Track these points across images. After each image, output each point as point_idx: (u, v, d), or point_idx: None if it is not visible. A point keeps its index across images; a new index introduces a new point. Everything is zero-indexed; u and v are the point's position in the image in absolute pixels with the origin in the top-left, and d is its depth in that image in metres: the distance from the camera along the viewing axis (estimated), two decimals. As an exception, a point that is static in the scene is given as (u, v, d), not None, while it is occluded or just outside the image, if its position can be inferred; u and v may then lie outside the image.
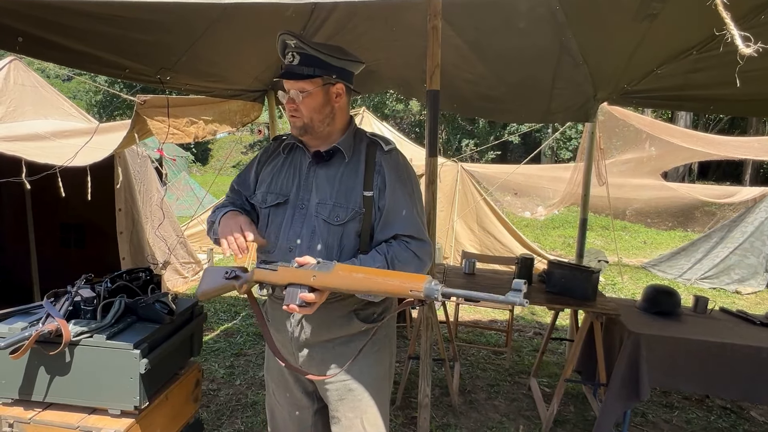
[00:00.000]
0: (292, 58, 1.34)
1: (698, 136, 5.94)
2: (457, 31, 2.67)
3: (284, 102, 1.40)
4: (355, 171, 1.42)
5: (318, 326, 1.43)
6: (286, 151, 1.51)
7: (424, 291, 1.03)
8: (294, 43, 1.32)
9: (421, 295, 1.03)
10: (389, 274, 1.12)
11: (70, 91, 20.06)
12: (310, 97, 1.36)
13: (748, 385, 2.45)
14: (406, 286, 1.06)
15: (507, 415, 3.01)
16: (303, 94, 1.35)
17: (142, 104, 2.66)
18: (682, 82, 2.77)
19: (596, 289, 2.78)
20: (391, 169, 1.42)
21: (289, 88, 1.37)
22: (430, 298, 1.03)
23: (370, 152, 1.44)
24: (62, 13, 1.62)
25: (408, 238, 1.37)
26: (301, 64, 1.33)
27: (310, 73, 1.34)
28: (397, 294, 1.08)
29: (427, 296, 1.03)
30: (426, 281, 1.04)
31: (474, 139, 19.67)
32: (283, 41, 1.35)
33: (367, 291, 1.12)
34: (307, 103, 1.37)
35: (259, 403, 3.00)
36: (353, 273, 1.14)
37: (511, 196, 8.17)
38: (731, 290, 6.23)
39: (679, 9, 2.05)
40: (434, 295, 1.02)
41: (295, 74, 1.34)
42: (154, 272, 2.00)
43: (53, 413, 1.55)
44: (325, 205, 1.38)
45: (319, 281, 1.17)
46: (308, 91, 1.35)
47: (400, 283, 1.07)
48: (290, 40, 1.33)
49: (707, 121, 17.12)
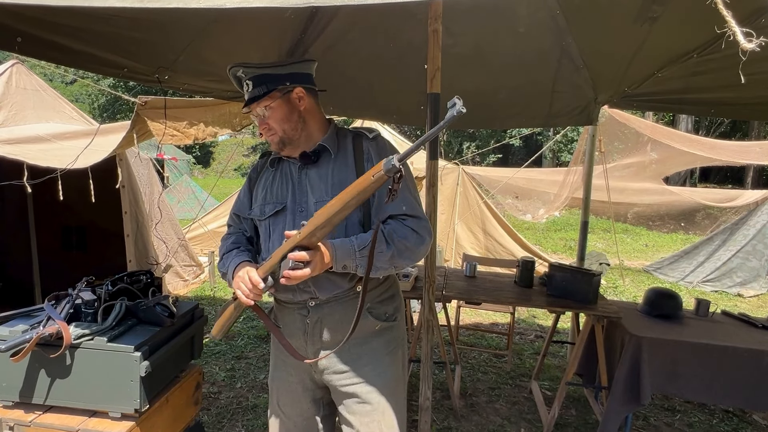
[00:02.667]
0: (248, 86, 1.42)
1: (700, 141, 5.94)
2: (457, 38, 2.68)
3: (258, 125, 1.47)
4: (344, 163, 1.44)
5: (333, 327, 1.43)
6: (274, 165, 1.54)
7: (384, 167, 1.05)
8: (241, 72, 1.41)
9: (381, 172, 1.05)
10: (355, 183, 1.14)
11: (72, 95, 20.13)
12: (273, 110, 1.42)
13: (750, 390, 2.44)
14: (368, 175, 1.09)
15: (508, 419, 3.00)
16: (267, 111, 1.42)
17: (143, 105, 2.67)
18: (683, 85, 2.77)
19: (597, 292, 2.78)
20: (379, 154, 1.44)
21: (255, 111, 1.44)
22: (392, 170, 1.04)
23: (356, 143, 1.47)
24: (61, 12, 1.63)
25: (403, 216, 1.38)
26: (254, 86, 1.40)
27: (265, 91, 1.40)
28: (365, 187, 1.10)
29: (388, 170, 1.04)
30: (383, 162, 1.06)
31: (475, 142, 19.69)
32: (234, 75, 1.43)
33: (344, 205, 1.13)
34: (273, 117, 1.42)
35: (260, 406, 2.99)
36: (327, 204, 1.17)
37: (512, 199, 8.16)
38: (733, 293, 6.21)
39: (680, 12, 2.05)
40: (392, 164, 1.04)
41: (253, 98, 1.41)
42: (155, 275, 2.00)
43: (54, 416, 1.55)
44: (324, 202, 1.38)
45: (304, 231, 1.19)
46: (269, 106, 1.41)
47: (363, 178, 1.10)
48: (237, 72, 1.42)
49: (708, 125, 17.11)
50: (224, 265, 1.49)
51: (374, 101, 3.52)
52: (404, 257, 1.35)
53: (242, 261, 1.42)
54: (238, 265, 1.41)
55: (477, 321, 4.89)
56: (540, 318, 5.04)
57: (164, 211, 4.53)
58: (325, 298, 1.41)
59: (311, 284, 1.39)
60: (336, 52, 2.77)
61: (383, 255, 1.31)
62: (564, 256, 8.33)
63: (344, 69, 2.93)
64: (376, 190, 1.12)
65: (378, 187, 1.10)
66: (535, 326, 4.86)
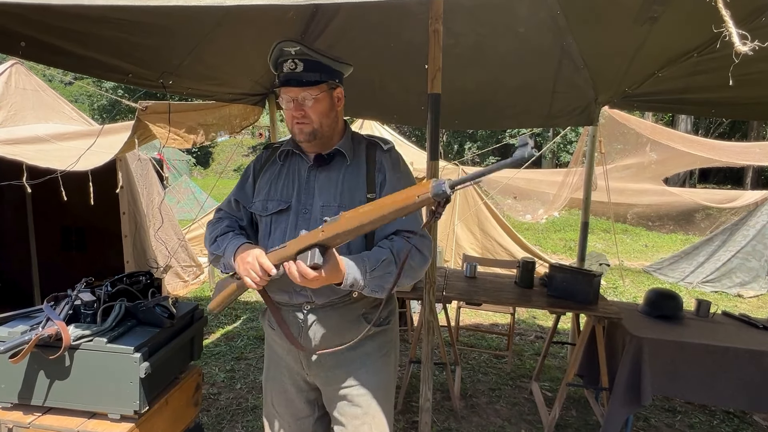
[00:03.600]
0: (294, 65, 1.33)
1: (699, 142, 5.94)
2: (458, 38, 2.68)
3: (289, 109, 1.38)
4: (356, 172, 1.42)
5: (329, 332, 1.42)
6: (282, 158, 1.50)
7: (432, 191, 0.99)
8: (296, 50, 1.32)
9: (428, 195, 0.99)
10: (391, 196, 1.07)
11: (72, 95, 20.13)
12: (319, 102, 1.36)
13: (751, 391, 2.44)
14: (413, 194, 1.02)
15: (508, 420, 2.99)
16: (310, 100, 1.35)
17: (144, 110, 2.66)
18: (683, 85, 2.77)
19: (598, 293, 2.77)
20: (391, 167, 1.44)
21: (294, 95, 1.35)
22: (440, 196, 0.98)
23: (370, 153, 1.45)
24: (65, 17, 1.62)
25: (409, 233, 1.36)
26: (305, 70, 1.33)
27: (317, 79, 1.34)
28: (406, 205, 1.04)
29: (436, 195, 0.98)
30: (432, 183, 1.00)
31: (476, 143, 19.69)
32: (281, 49, 1.33)
33: (379, 218, 1.07)
34: (316, 108, 1.36)
35: (259, 407, 2.99)
36: (359, 211, 1.10)
37: (511, 200, 8.17)
38: (733, 294, 6.21)
39: (680, 12, 2.05)
40: (442, 189, 0.97)
41: (302, 81, 1.33)
42: (154, 276, 2.00)
43: (53, 418, 1.54)
44: (330, 208, 1.38)
45: (328, 231, 1.13)
46: (316, 97, 1.35)
47: (407, 195, 1.03)
48: (291, 47, 1.32)
49: (708, 125, 17.13)
50: (219, 247, 1.41)
51: (374, 101, 3.52)
52: (407, 276, 1.34)
53: (244, 243, 1.37)
54: (239, 247, 1.36)
55: (477, 322, 4.89)
56: (540, 319, 5.04)
57: (165, 214, 4.52)
58: (321, 303, 1.40)
59: (308, 288, 1.37)
60: (336, 52, 2.76)
61: (391, 276, 1.28)
62: (564, 256, 8.32)
63: (344, 68, 2.93)
64: (416, 210, 1.06)
65: (419, 208, 1.06)
66: (536, 327, 4.85)
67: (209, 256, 1.47)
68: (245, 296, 5.42)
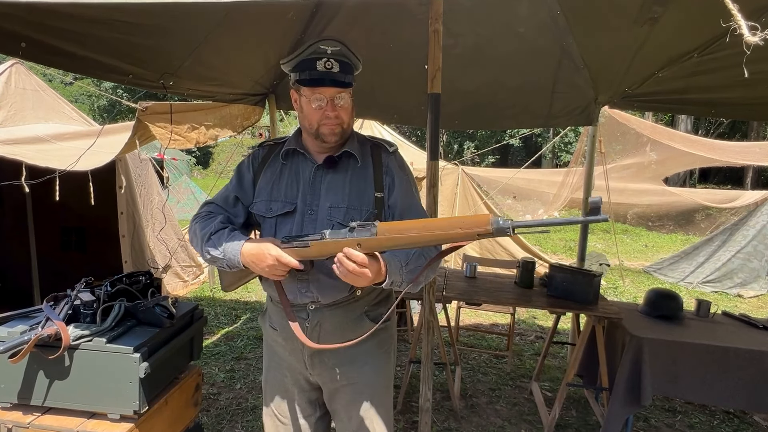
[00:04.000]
0: (331, 65, 1.31)
1: (699, 142, 5.94)
2: (458, 38, 2.67)
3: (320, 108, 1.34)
4: (364, 173, 1.42)
5: (332, 330, 1.42)
6: (284, 157, 1.47)
7: (492, 227, 1.00)
8: (335, 50, 1.31)
9: (489, 230, 1.00)
10: (443, 224, 1.06)
11: (72, 95, 20.12)
12: (348, 103, 1.38)
13: (751, 391, 2.44)
14: (471, 232, 1.02)
15: (508, 420, 2.99)
16: (345, 101, 1.36)
17: (144, 111, 2.66)
18: (683, 85, 2.77)
19: (598, 293, 2.77)
20: (398, 170, 1.45)
21: (330, 95, 1.33)
22: (501, 234, 1.00)
23: (375, 154, 1.45)
24: (65, 18, 1.62)
25: None
26: (342, 71, 1.32)
27: (350, 81, 1.35)
28: (462, 236, 1.03)
29: (498, 232, 1.00)
30: (491, 220, 1.00)
31: (474, 142, 19.70)
32: (317, 47, 1.31)
33: (424, 242, 1.07)
34: (346, 109, 1.37)
35: (259, 407, 2.98)
36: (401, 233, 1.09)
37: (510, 200, 8.16)
38: (733, 294, 6.21)
39: (680, 12, 2.05)
40: (506, 231, 0.99)
41: (339, 82, 1.33)
42: (154, 276, 1.99)
43: (52, 418, 1.54)
44: (339, 209, 1.38)
45: (367, 247, 1.12)
46: (347, 99, 1.37)
47: (463, 231, 1.03)
48: (330, 47, 1.30)
49: (708, 125, 17.13)
50: (216, 247, 1.34)
51: (374, 101, 3.52)
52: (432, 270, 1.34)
53: (246, 240, 1.34)
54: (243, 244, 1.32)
55: (477, 322, 4.89)
56: (540, 319, 5.04)
57: (166, 215, 4.52)
58: (326, 303, 1.40)
59: (314, 289, 1.38)
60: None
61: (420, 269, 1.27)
62: (564, 256, 8.32)
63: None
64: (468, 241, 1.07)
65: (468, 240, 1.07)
66: (536, 327, 4.85)
67: (202, 253, 1.39)
68: (245, 296, 5.42)
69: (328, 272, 1.35)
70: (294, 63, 1.35)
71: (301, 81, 1.34)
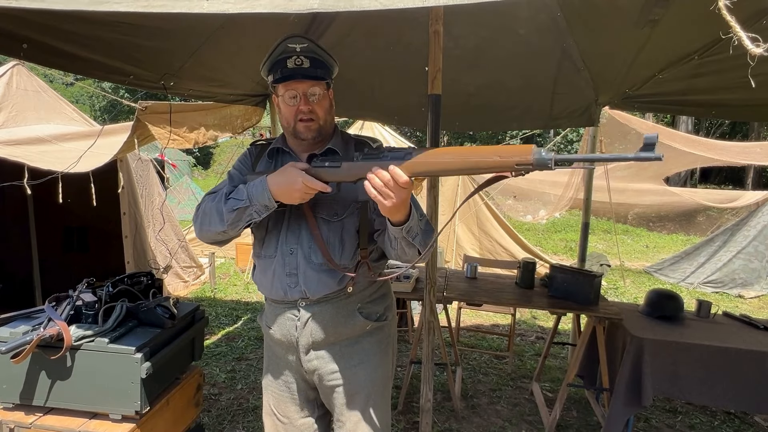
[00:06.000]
0: (301, 61, 1.30)
1: (700, 142, 5.95)
2: (458, 40, 2.68)
3: (293, 105, 1.34)
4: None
5: (324, 327, 1.43)
6: (271, 156, 1.47)
7: (534, 161, 0.93)
8: (303, 46, 1.30)
9: (530, 161, 0.93)
10: (480, 151, 0.99)
11: (73, 96, 20.14)
12: (323, 99, 1.35)
13: (752, 392, 2.43)
14: (510, 161, 0.95)
15: (509, 420, 2.99)
16: (316, 96, 1.34)
17: (144, 110, 2.66)
18: (684, 86, 2.76)
19: (599, 294, 2.77)
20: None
21: (302, 89, 1.32)
22: (541, 167, 0.92)
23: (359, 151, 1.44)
24: (66, 19, 1.63)
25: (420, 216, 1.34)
26: (312, 66, 1.31)
27: (323, 76, 1.33)
28: (498, 169, 0.98)
29: (539, 165, 0.92)
30: (533, 150, 0.93)
31: (475, 143, 19.70)
32: (285, 46, 1.30)
33: (458, 171, 1.03)
34: (321, 105, 1.35)
35: (260, 407, 2.97)
36: (436, 157, 1.04)
37: (512, 200, 8.17)
38: (734, 294, 6.20)
39: (681, 14, 2.05)
40: (547, 163, 0.91)
41: (309, 75, 1.31)
42: (155, 276, 2.00)
43: (54, 418, 1.55)
44: (323, 203, 1.39)
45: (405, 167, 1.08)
46: (321, 93, 1.34)
47: (501, 159, 0.95)
48: (298, 44, 1.29)
49: (709, 126, 17.12)
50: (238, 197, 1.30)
51: (375, 102, 3.52)
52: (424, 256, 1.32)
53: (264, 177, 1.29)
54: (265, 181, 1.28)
55: (478, 322, 4.89)
56: (541, 319, 5.04)
57: (166, 215, 4.53)
58: (315, 299, 1.41)
59: (302, 283, 1.38)
60: (336, 53, 2.76)
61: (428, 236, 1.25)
62: (565, 257, 8.32)
63: (344, 70, 2.91)
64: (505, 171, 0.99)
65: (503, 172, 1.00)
66: (536, 327, 4.85)
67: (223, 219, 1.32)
68: (246, 297, 5.43)
69: (315, 267, 1.37)
70: (268, 65, 1.35)
71: (275, 81, 1.34)
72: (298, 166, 1.26)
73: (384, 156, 1.16)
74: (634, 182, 6.29)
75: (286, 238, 1.40)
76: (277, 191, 1.26)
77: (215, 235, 1.39)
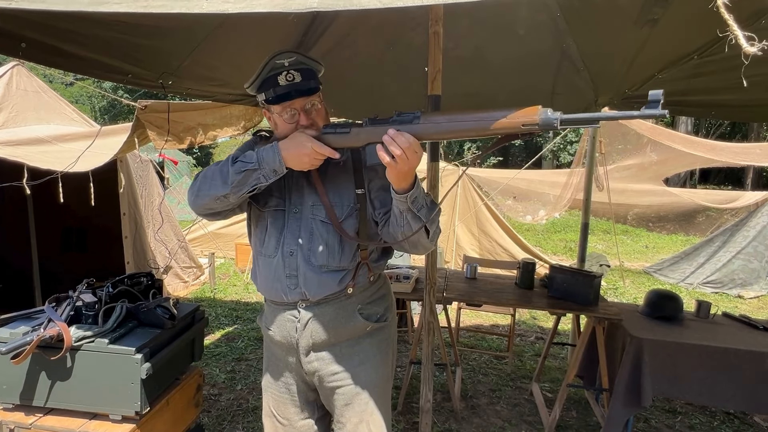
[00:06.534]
0: (292, 76, 1.29)
1: (700, 142, 5.94)
2: (458, 41, 2.68)
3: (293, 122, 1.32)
4: (344, 168, 1.42)
5: (325, 328, 1.43)
6: None
7: (540, 121, 0.93)
8: (291, 60, 1.29)
9: (536, 122, 0.93)
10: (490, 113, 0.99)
11: (72, 96, 20.13)
12: (320, 107, 1.36)
13: (751, 392, 2.44)
14: (516, 122, 0.95)
15: (509, 421, 2.99)
16: (313, 107, 1.34)
17: (143, 109, 2.66)
18: (683, 86, 2.76)
19: (598, 294, 2.78)
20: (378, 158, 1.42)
21: (300, 106, 1.32)
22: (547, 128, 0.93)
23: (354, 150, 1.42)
24: (65, 18, 1.63)
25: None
26: (305, 79, 1.31)
27: (316, 86, 1.34)
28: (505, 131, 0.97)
29: (545, 125, 0.93)
30: (539, 111, 0.93)
31: (476, 143, 19.70)
32: (275, 63, 1.29)
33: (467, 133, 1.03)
34: (319, 114, 1.35)
35: (260, 408, 2.97)
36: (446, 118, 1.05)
37: (511, 201, 8.17)
38: (734, 295, 6.20)
39: (681, 14, 2.05)
40: (553, 123, 0.92)
41: (303, 91, 1.31)
42: (155, 277, 2.00)
43: (54, 418, 1.55)
44: (320, 206, 1.39)
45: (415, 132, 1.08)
46: (317, 102, 1.35)
47: (508, 120, 0.96)
48: (286, 59, 1.29)
49: (708, 126, 17.12)
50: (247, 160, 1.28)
51: (374, 103, 3.52)
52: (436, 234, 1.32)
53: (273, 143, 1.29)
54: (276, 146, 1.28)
55: (477, 323, 4.89)
56: (540, 320, 5.04)
57: (164, 214, 4.53)
58: (315, 300, 1.41)
59: (302, 285, 1.38)
60: (336, 53, 2.78)
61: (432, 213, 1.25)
62: (564, 257, 8.32)
63: (344, 71, 2.93)
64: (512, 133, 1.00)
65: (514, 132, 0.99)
66: (536, 328, 4.85)
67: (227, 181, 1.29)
68: (246, 297, 5.43)
69: (315, 269, 1.38)
70: (257, 84, 1.34)
71: (268, 101, 1.33)
72: (308, 132, 1.27)
73: (393, 120, 1.16)
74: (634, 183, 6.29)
75: (287, 240, 1.40)
76: (287, 156, 1.26)
77: (212, 201, 1.34)
